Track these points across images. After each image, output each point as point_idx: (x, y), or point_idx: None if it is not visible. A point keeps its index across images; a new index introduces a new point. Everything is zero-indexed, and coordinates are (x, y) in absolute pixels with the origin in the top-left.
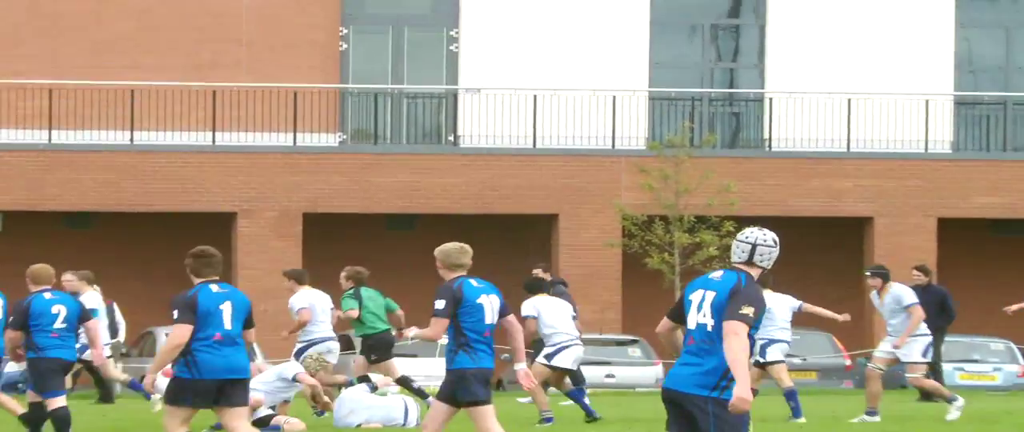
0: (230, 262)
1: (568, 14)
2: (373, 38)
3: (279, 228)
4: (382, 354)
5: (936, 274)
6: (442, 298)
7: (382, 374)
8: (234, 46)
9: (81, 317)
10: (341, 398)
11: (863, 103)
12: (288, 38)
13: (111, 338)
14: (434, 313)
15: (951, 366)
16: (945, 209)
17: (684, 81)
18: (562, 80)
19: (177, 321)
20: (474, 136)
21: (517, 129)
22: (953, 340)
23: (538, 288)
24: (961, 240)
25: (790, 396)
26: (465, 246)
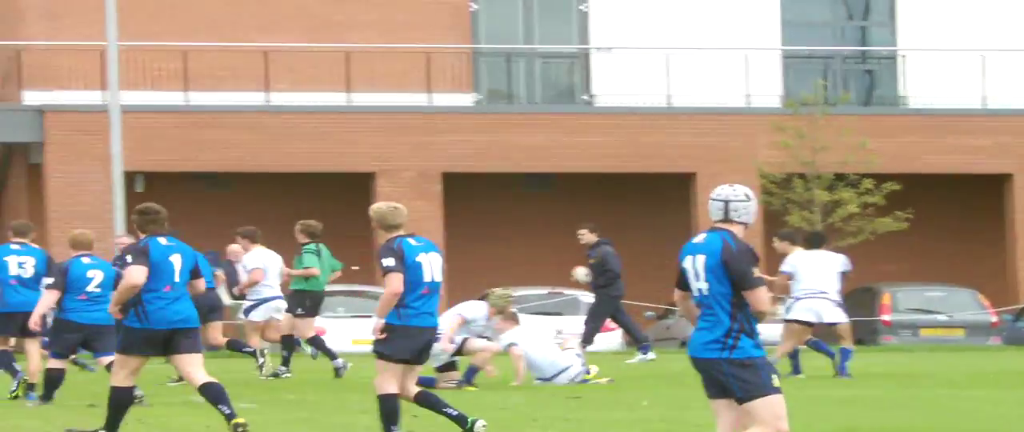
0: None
1: None
2: None
3: (418, 188)
4: (311, 310)
5: None
6: (389, 256)
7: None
8: (366, 7)
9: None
10: None
11: (997, 59)
12: None
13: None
14: (385, 271)
15: None
16: None
17: (815, 39)
18: (693, 39)
19: (133, 264)
20: (607, 96)
21: (649, 88)
22: None
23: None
24: None
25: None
26: (398, 205)
